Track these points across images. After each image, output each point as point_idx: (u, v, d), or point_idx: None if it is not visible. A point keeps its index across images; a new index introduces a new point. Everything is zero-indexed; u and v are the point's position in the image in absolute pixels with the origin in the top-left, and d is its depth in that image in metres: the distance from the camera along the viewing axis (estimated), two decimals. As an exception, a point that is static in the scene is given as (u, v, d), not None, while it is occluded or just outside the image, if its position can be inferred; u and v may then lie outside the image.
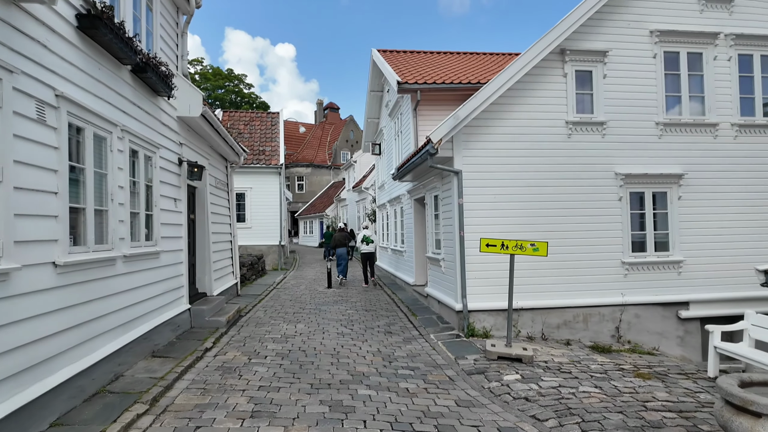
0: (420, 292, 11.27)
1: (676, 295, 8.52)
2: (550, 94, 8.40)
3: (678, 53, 8.73)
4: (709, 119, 8.73)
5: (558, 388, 5.50)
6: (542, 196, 8.30)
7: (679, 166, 8.61)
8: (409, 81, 10.95)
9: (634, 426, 4.48)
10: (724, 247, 8.67)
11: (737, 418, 3.56)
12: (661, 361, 7.08)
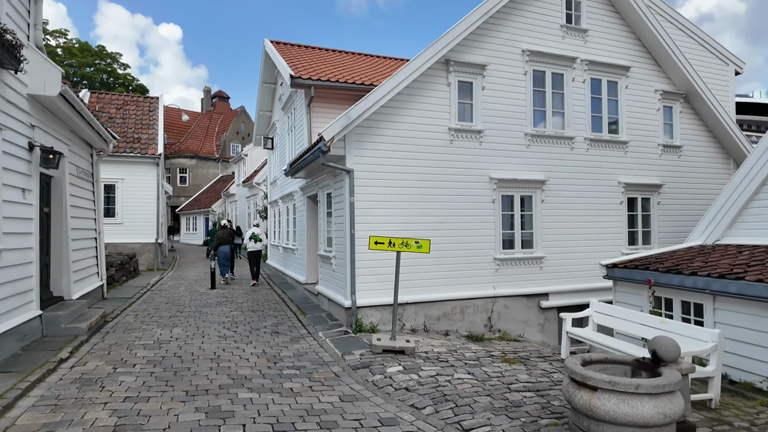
0: (311, 290, 11.19)
1: (538, 288, 9.62)
2: (435, 101, 8.91)
3: (544, 72, 9.85)
4: (567, 133, 10.00)
5: (436, 376, 5.87)
6: (427, 196, 8.77)
7: (543, 173, 9.73)
8: (303, 76, 10.78)
9: (499, 407, 4.96)
10: (576, 244, 10.00)
11: (578, 392, 4.13)
12: (524, 346, 7.93)
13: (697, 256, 7.58)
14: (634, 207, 10.72)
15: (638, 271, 7.66)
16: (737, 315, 6.21)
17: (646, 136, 10.79)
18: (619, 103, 10.55)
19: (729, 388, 5.91)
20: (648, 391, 3.80)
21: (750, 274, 6.10)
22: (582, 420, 4.11)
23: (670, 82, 11.03)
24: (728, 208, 8.14)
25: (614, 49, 10.49)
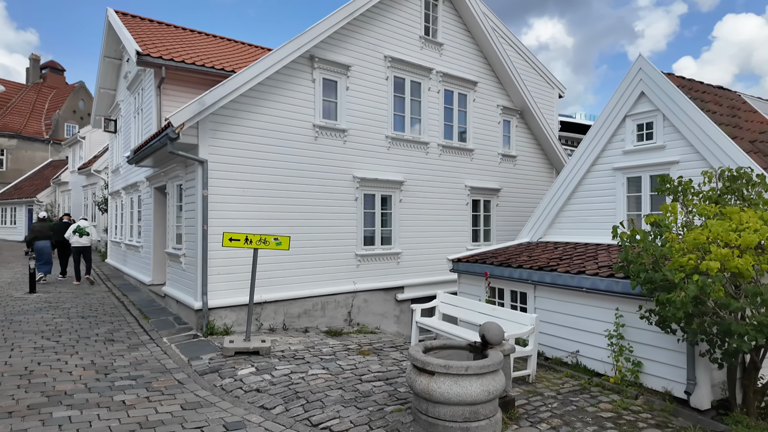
0: (157, 292, 10.16)
1: (395, 281, 10.16)
2: (300, 96, 8.80)
3: (404, 79, 10.42)
4: (423, 138, 10.73)
5: (290, 374, 5.80)
6: (290, 192, 8.62)
7: (402, 174, 10.29)
8: (152, 54, 9.71)
9: (349, 398, 5.10)
10: (429, 241, 10.80)
11: (419, 378, 4.44)
12: (380, 338, 8.30)
13: (524, 252, 8.76)
14: (477, 208, 11.97)
15: (478, 265, 8.57)
16: (551, 301, 7.34)
17: (489, 145, 12.14)
18: (468, 114, 11.68)
19: (544, 364, 6.96)
20: (475, 372, 4.26)
21: (560, 266, 7.26)
22: (421, 403, 4.44)
23: (509, 99, 12.58)
24: (549, 210, 9.59)
25: (465, 64, 11.57)
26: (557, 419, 4.91)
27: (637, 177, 8.17)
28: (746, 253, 4.17)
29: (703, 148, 7.12)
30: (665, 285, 4.68)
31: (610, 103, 8.52)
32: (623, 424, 4.84)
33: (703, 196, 5.24)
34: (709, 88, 9.08)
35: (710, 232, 4.33)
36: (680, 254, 4.51)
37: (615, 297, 6.24)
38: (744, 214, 4.46)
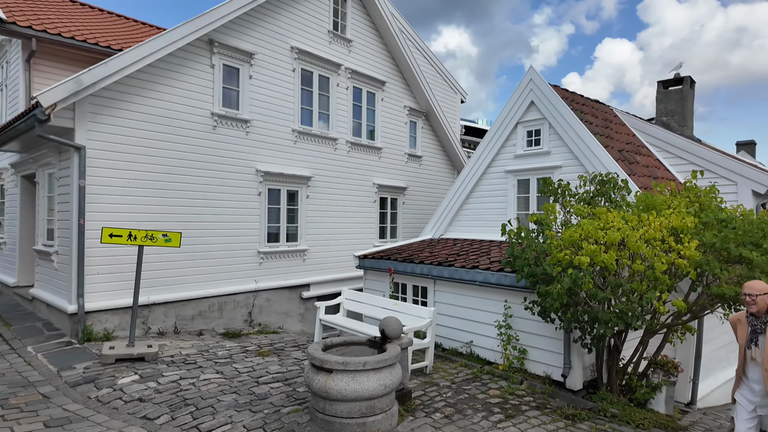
0: (24, 295, 8.88)
1: (301, 279, 9.96)
2: (197, 81, 8.22)
3: (312, 73, 10.23)
4: (332, 134, 10.63)
5: (178, 381, 5.39)
6: (183, 185, 8.02)
7: (309, 169, 10.10)
8: (19, 22, 8.44)
9: (244, 402, 4.87)
10: (337, 238, 10.75)
11: (317, 376, 4.37)
12: (282, 338, 8.07)
13: (427, 248, 9.08)
14: (384, 205, 12.18)
15: (383, 261, 8.70)
16: (449, 294, 7.68)
17: (396, 144, 12.41)
18: (376, 113, 11.82)
19: (441, 354, 7.27)
20: (373, 367, 4.30)
21: (458, 261, 7.63)
22: (319, 402, 4.38)
23: (416, 101, 12.96)
24: (450, 209, 10.05)
25: (374, 63, 11.69)
26: (450, 408, 5.14)
27: (526, 179, 8.87)
28: (611, 249, 4.70)
29: (581, 154, 7.92)
30: (545, 278, 5.12)
31: (504, 110, 9.14)
32: (509, 408, 5.21)
33: (578, 197, 5.83)
34: (587, 101, 10.15)
35: (582, 230, 4.82)
36: (558, 250, 4.96)
37: (504, 290, 6.70)
38: (610, 214, 5.04)
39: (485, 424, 4.76)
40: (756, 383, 3.78)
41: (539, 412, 5.17)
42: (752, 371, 3.79)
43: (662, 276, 4.55)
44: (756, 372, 3.77)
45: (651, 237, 4.66)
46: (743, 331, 3.83)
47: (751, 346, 3.73)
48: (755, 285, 3.75)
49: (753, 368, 3.78)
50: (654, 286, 4.67)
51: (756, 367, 3.76)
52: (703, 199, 5.40)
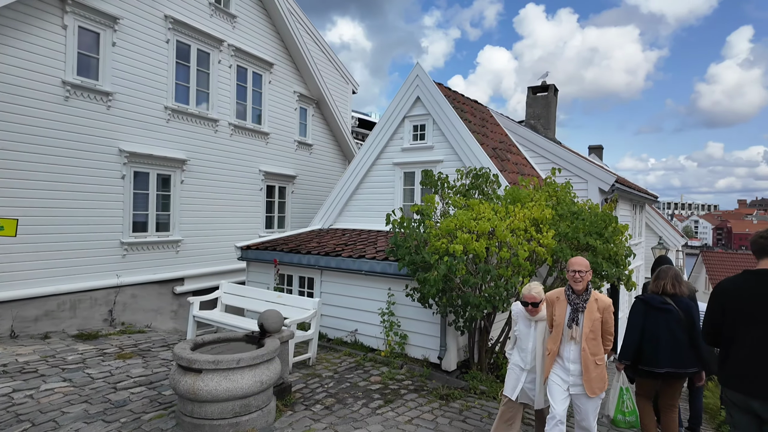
0: None
1: (174, 273, 9.13)
2: (45, 44, 6.99)
3: (190, 46, 9.36)
4: (212, 115, 9.87)
5: (11, 394, 4.56)
6: (23, 163, 6.80)
7: (184, 152, 9.26)
8: None
9: (96, 412, 4.28)
10: (217, 227, 10.06)
11: (184, 378, 4.00)
12: (149, 337, 7.31)
13: (315, 238, 8.92)
14: (272, 194, 11.72)
15: (267, 252, 8.34)
16: (336, 285, 7.64)
17: (285, 131, 11.98)
18: (263, 96, 11.26)
19: (326, 345, 7.20)
20: (248, 364, 4.05)
21: (345, 251, 7.61)
22: (186, 405, 4.02)
23: (306, 88, 12.63)
24: (339, 199, 10.00)
25: (261, 43, 11.09)
26: (332, 398, 5.10)
27: (412, 172, 9.17)
28: (482, 238, 5.03)
29: (460, 150, 8.40)
30: (425, 266, 5.32)
31: (392, 103, 9.32)
32: (388, 393, 5.34)
33: (456, 190, 6.15)
34: (468, 100, 10.80)
35: (458, 220, 5.09)
36: (436, 239, 5.17)
37: (388, 278, 6.84)
38: (482, 206, 5.39)
39: (364, 411, 4.80)
40: (572, 362, 3.61)
41: (417, 394, 5.37)
42: (569, 351, 3.61)
43: (524, 262, 5.00)
44: (573, 351, 3.61)
45: (516, 227, 5.09)
46: (562, 310, 3.65)
47: (572, 325, 3.56)
48: (582, 261, 3.62)
49: (570, 348, 3.61)
50: (518, 271, 5.11)
51: (575, 345, 3.60)
52: (559, 194, 6.06)
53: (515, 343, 4.11)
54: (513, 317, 4.12)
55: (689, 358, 4.04)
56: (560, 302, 3.72)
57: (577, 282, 3.59)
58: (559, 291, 3.78)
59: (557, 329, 3.72)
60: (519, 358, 4.02)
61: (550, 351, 3.76)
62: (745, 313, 2.88)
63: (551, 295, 3.81)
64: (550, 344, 3.78)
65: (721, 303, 3.01)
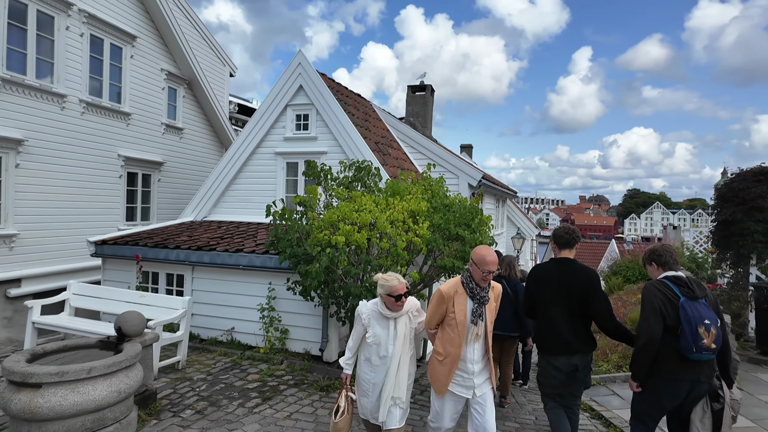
0: None
1: (7, 273, 7.69)
2: None
3: (27, 6, 7.88)
4: (57, 89, 8.46)
5: None
6: None
7: (20, 130, 7.81)
8: None
9: None
10: (63, 219, 8.70)
11: (18, 395, 3.39)
12: (-29, 351, 6.07)
13: (185, 231, 8.23)
14: (134, 182, 10.51)
15: (128, 247, 7.47)
16: (210, 281, 7.14)
17: (150, 112, 10.81)
18: (124, 71, 10.00)
19: (199, 346, 6.71)
20: (102, 373, 3.58)
21: (221, 245, 7.15)
22: (21, 426, 3.42)
23: (176, 66, 11.53)
24: (215, 189, 9.35)
25: (121, 12, 9.82)
26: (204, 401, 4.78)
27: (295, 162, 8.96)
28: (363, 230, 5.12)
29: (343, 142, 8.43)
30: (306, 258, 5.24)
31: (274, 89, 8.98)
32: (267, 390, 5.17)
33: (339, 182, 6.16)
34: (351, 93, 10.89)
35: (340, 212, 5.10)
36: (319, 231, 5.13)
37: (269, 272, 6.61)
38: (364, 198, 5.48)
39: (241, 411, 4.59)
40: (476, 362, 3.21)
41: (297, 389, 5.29)
42: (472, 351, 3.19)
43: (402, 252, 5.21)
44: (477, 350, 3.21)
45: (395, 219, 5.28)
46: (462, 305, 3.15)
47: (477, 321, 3.15)
48: (496, 260, 3.17)
49: (474, 347, 3.20)
50: (396, 261, 5.31)
51: (477, 343, 3.21)
52: (434, 188, 6.43)
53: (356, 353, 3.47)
54: (363, 321, 3.32)
55: (513, 325, 5.25)
56: (459, 296, 3.19)
57: (486, 281, 3.17)
58: (455, 283, 3.25)
59: (459, 329, 3.15)
60: (369, 370, 3.32)
61: (448, 356, 3.18)
62: (550, 291, 3.60)
63: (448, 289, 3.23)
64: (447, 348, 3.20)
65: (533, 284, 3.76)
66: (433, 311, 3.29)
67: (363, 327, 3.36)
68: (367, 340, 3.32)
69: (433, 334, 3.37)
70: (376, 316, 3.33)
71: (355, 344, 3.45)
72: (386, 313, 3.28)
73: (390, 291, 3.21)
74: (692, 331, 2.83)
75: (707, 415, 2.94)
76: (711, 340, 2.81)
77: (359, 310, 3.39)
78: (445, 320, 3.25)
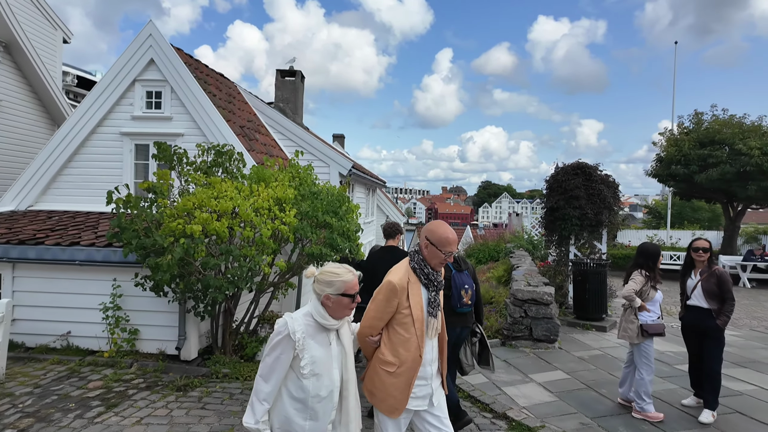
0: None
1: None
2: None
3: None
4: None
5: None
6: None
7: None
8: None
9: None
10: None
11: None
12: None
13: (4, 223, 6.90)
14: (-73, 163, 8.41)
15: None
16: (37, 280, 6.12)
17: (-50, 76, 8.73)
18: None
19: (24, 356, 5.74)
20: None
21: (51, 238, 6.16)
22: None
23: (-12, 23, 9.47)
24: (44, 172, 7.97)
25: None
26: (30, 418, 4.12)
27: (146, 145, 8.08)
28: (223, 218, 4.86)
29: (203, 124, 7.85)
30: (157, 250, 4.79)
31: (119, 61, 7.94)
32: (112, 397, 4.65)
33: (196, 167, 5.73)
34: (213, 72, 10.16)
35: (197, 198, 4.76)
36: (171, 219, 4.72)
37: (113, 267, 5.90)
38: (224, 184, 5.19)
39: (78, 423, 4.06)
40: (433, 363, 2.64)
41: (149, 392, 4.86)
42: (430, 349, 2.62)
43: (268, 241, 5.08)
44: (434, 348, 2.66)
45: (260, 206, 5.11)
46: (417, 296, 2.56)
47: (436, 312, 2.63)
48: (454, 234, 2.69)
49: (431, 344, 2.63)
50: (262, 250, 5.16)
51: (434, 339, 2.66)
52: (302, 175, 6.37)
53: (280, 388, 2.21)
54: (297, 345, 2.17)
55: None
56: (413, 286, 2.57)
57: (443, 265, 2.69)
58: (405, 271, 2.60)
59: (416, 325, 2.53)
60: (306, 419, 2.20)
61: (403, 363, 2.51)
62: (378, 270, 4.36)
63: (400, 279, 2.55)
64: (400, 354, 2.52)
65: (369, 265, 4.73)
66: (380, 311, 2.54)
67: (292, 354, 2.17)
68: (301, 373, 2.17)
69: (376, 341, 2.59)
70: (311, 332, 2.23)
71: (274, 388, 2.17)
72: (328, 322, 2.25)
73: (344, 288, 2.23)
74: (458, 293, 3.87)
75: (468, 349, 4.11)
76: (468, 299, 3.91)
77: (287, 328, 2.17)
78: (393, 320, 2.55)
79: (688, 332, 4.62)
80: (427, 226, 2.71)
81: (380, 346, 2.59)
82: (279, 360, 2.17)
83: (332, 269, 2.28)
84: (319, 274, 2.28)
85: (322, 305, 2.26)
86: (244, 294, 6.20)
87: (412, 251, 2.71)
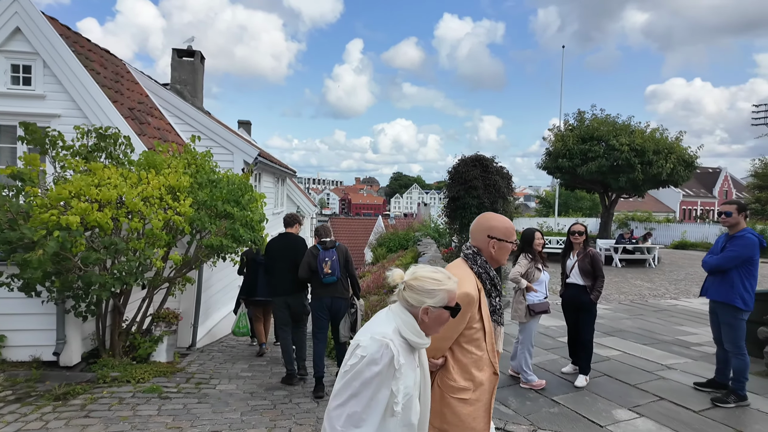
0: None
1: None
2: None
3: None
4: None
5: None
6: None
7: None
8: None
9: None
10: None
11: None
12: None
13: None
14: None
15: None
16: None
17: None
18: None
19: None
20: None
21: None
22: None
23: None
24: None
25: None
26: None
27: (12, 126, 7.05)
28: (106, 208, 4.42)
29: (85, 105, 7.05)
30: (27, 245, 4.23)
31: (-26, 27, 6.80)
32: (-31, 415, 4.04)
33: (74, 151, 5.13)
34: (96, 48, 9.13)
35: (74, 186, 4.27)
36: (43, 210, 4.19)
37: (-31, 266, 5.09)
38: (108, 170, 4.71)
39: (-77, 449, 3.47)
40: None
41: (19, 404, 4.31)
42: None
43: (160, 233, 4.73)
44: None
45: (149, 195, 4.73)
46: (485, 306, 2.24)
47: (501, 319, 2.40)
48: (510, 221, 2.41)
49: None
50: (153, 243, 4.79)
51: None
52: (199, 162, 6.00)
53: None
54: (397, 372, 1.62)
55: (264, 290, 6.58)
56: (482, 295, 2.23)
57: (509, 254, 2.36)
58: (472, 277, 2.22)
59: (488, 339, 2.19)
60: None
61: (478, 386, 2.14)
62: (277, 255, 5.38)
63: (474, 288, 2.15)
64: (475, 376, 2.13)
65: (269, 251, 5.50)
66: (452, 329, 2.07)
67: (391, 384, 1.62)
68: (394, 409, 1.63)
69: (440, 364, 2.15)
70: (404, 353, 1.70)
71: (374, 427, 1.61)
72: (423, 341, 1.75)
73: (448, 300, 1.76)
74: (320, 266, 4.83)
75: (346, 320, 4.88)
76: (328, 268, 4.78)
77: (390, 352, 1.61)
78: (461, 337, 2.12)
79: (567, 307, 5.17)
80: (480, 223, 2.35)
81: (446, 371, 2.13)
82: (377, 399, 1.59)
83: (431, 275, 1.78)
84: (412, 280, 1.76)
85: (414, 320, 1.74)
86: (136, 290, 5.73)
87: (470, 253, 2.32)
